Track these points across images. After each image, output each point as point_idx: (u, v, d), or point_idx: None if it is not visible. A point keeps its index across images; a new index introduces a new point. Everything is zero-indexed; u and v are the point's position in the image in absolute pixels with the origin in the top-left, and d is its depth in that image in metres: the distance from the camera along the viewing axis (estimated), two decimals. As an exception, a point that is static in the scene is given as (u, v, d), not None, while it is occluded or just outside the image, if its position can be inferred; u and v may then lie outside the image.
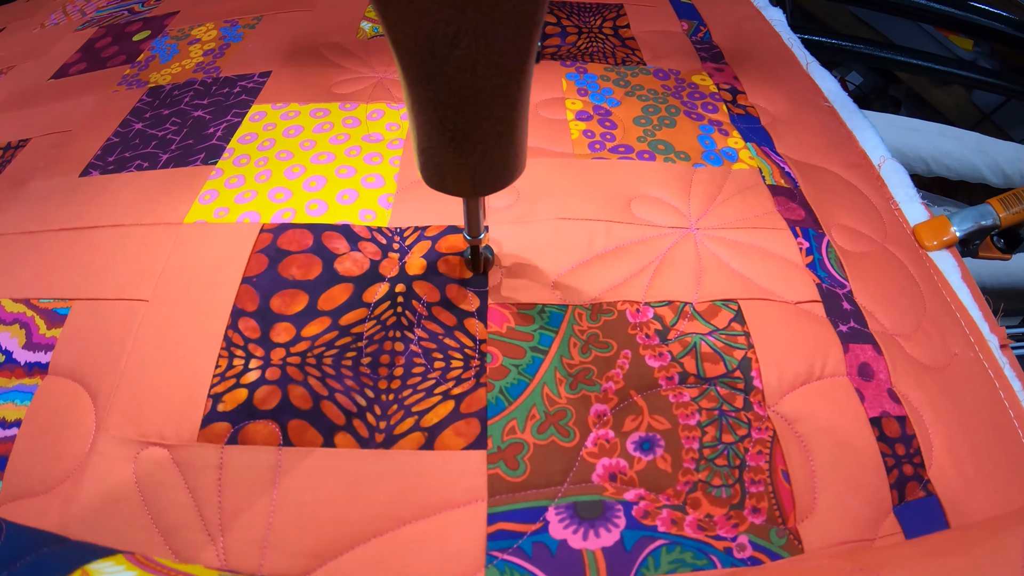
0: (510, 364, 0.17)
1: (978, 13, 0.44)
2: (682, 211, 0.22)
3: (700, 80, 0.28)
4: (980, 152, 0.36)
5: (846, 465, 0.17)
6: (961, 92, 0.53)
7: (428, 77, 0.12)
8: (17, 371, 0.21)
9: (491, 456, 0.15)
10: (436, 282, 0.19)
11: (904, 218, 0.25)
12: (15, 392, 0.20)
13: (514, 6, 0.11)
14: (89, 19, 0.37)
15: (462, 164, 0.14)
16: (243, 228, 0.21)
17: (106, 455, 0.18)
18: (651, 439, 0.16)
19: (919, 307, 0.22)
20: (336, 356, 0.17)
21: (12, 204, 0.26)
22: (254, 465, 0.16)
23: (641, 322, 0.18)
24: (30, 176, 0.27)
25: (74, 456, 0.18)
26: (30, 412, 0.19)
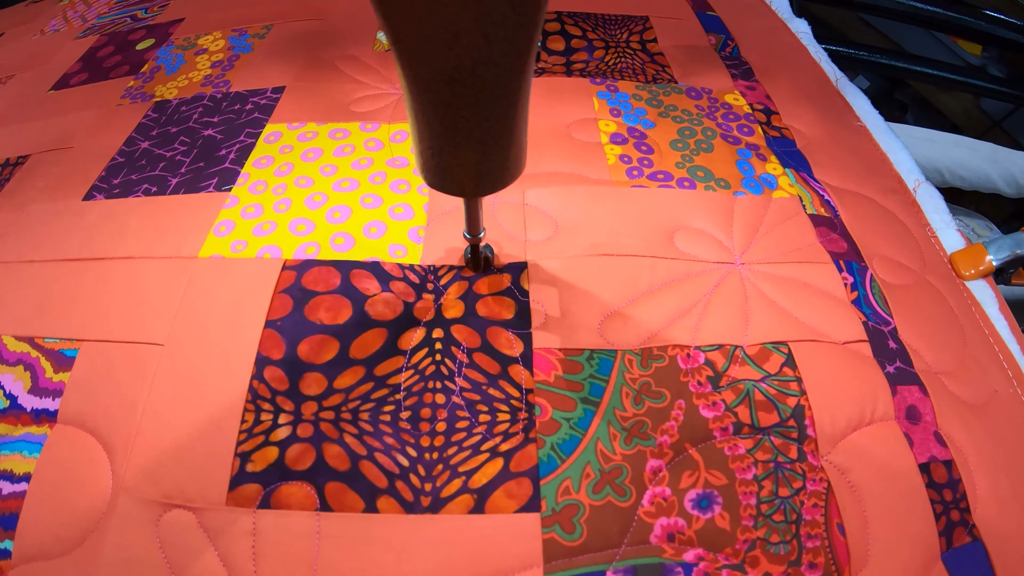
0: (561, 417, 0.16)
1: (986, 19, 0.43)
2: (726, 244, 0.21)
3: (733, 100, 0.27)
4: (994, 162, 0.36)
5: (897, 514, 0.17)
6: (969, 97, 0.53)
7: (428, 77, 0.12)
8: (23, 418, 0.19)
9: (546, 519, 0.15)
10: (476, 325, 0.18)
11: (941, 246, 0.24)
12: (22, 442, 0.19)
13: (514, 6, 0.11)
14: (90, 26, 0.35)
15: (462, 164, 0.14)
16: (264, 264, 0.20)
17: (126, 516, 0.16)
18: (709, 496, 0.16)
19: (960, 342, 0.21)
20: (373, 410, 0.16)
21: (12, 228, 0.24)
22: (291, 532, 0.15)
23: (692, 368, 0.18)
24: (31, 198, 0.25)
25: (91, 516, 0.17)
26: (40, 465, 0.18)
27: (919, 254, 0.23)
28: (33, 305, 0.21)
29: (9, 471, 0.19)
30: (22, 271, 0.23)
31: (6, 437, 0.19)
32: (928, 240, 0.24)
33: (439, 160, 0.14)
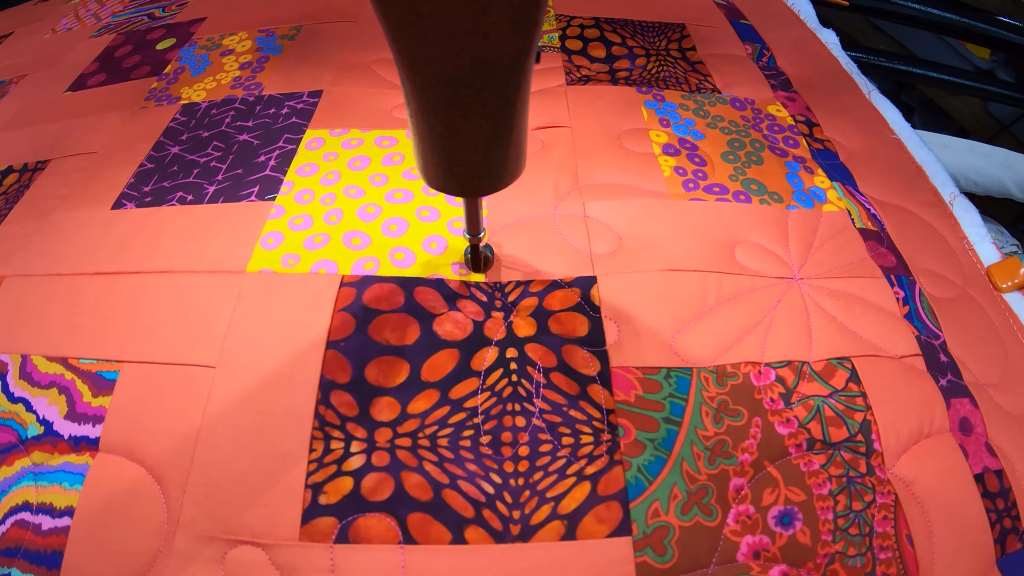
0: (645, 438, 0.16)
1: (994, 24, 0.45)
2: (784, 259, 0.21)
3: (776, 111, 0.27)
4: (1007, 168, 0.38)
5: (957, 524, 0.18)
6: (977, 101, 0.55)
7: (428, 77, 0.12)
8: (60, 445, 0.19)
9: (637, 543, 0.15)
10: (550, 344, 0.18)
11: (978, 258, 0.25)
12: (62, 472, 0.18)
13: (515, 6, 0.11)
14: (105, 25, 0.33)
15: (462, 164, 0.14)
16: (320, 280, 0.19)
17: (186, 555, 0.16)
18: (790, 512, 0.16)
19: (1002, 354, 0.22)
20: (452, 436, 0.16)
21: (35, 238, 0.23)
22: (373, 568, 0.15)
23: (765, 385, 0.18)
24: (53, 206, 0.24)
25: (145, 554, 0.16)
26: (84, 499, 0.17)
27: (959, 267, 0.24)
28: (63, 322, 0.20)
29: (49, 504, 0.18)
30: (49, 285, 0.22)
31: (43, 467, 0.18)
32: (966, 253, 0.25)
33: (439, 160, 0.14)
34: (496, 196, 0.22)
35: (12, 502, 0.18)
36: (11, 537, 0.17)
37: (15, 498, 0.18)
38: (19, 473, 0.18)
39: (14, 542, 0.17)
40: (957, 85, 0.47)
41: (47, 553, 0.17)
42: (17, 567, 0.17)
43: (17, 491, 0.18)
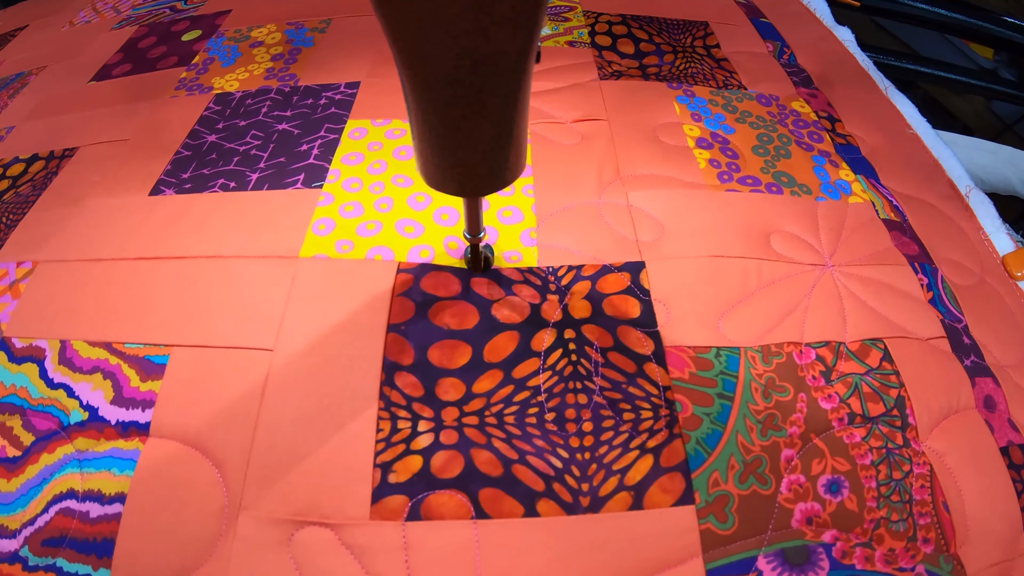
0: (701, 412, 0.18)
1: (997, 23, 0.48)
2: (816, 247, 0.23)
3: (800, 107, 0.29)
4: (1013, 166, 0.41)
5: (988, 494, 0.20)
6: (980, 100, 0.59)
7: (428, 77, 0.12)
8: (107, 431, 0.19)
9: (701, 511, 0.16)
10: (605, 325, 0.19)
11: (994, 249, 0.28)
12: (110, 458, 0.19)
13: (515, 5, 0.11)
14: (125, 17, 0.34)
15: (462, 163, 0.14)
16: (377, 266, 0.21)
17: (251, 539, 0.17)
18: (837, 481, 0.18)
19: (1020, 338, 0.25)
20: (518, 413, 0.18)
21: (68, 224, 0.24)
22: (447, 544, 0.16)
23: (806, 364, 0.20)
24: (86, 193, 0.24)
25: (205, 539, 0.17)
26: (136, 484, 0.18)
27: (977, 257, 0.27)
28: (105, 307, 0.21)
29: (97, 491, 0.18)
30: (86, 270, 0.22)
31: (88, 453, 0.19)
32: (983, 243, 0.27)
33: (439, 159, 0.14)
34: (543, 185, 0.23)
35: (56, 490, 0.18)
36: (56, 526, 0.18)
37: (59, 485, 0.18)
38: (62, 460, 0.19)
39: (59, 531, 0.18)
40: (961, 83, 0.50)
41: (97, 541, 0.17)
42: (64, 557, 0.17)
43: (61, 478, 0.19)
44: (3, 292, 0.23)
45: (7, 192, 0.27)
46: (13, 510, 0.19)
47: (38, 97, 0.31)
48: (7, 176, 0.28)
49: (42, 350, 0.21)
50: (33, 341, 0.21)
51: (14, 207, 0.27)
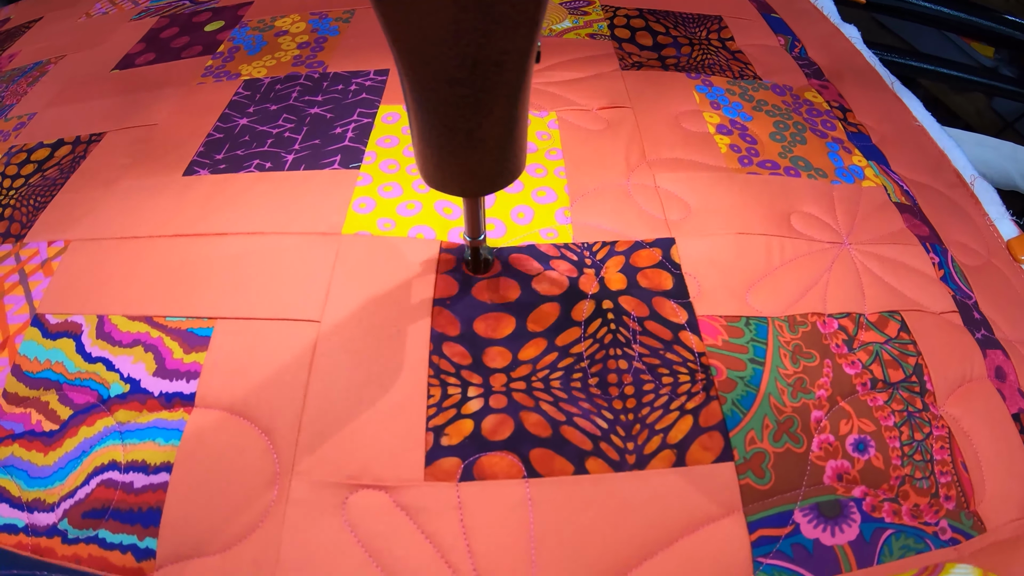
0: (735, 376, 0.19)
1: (998, 21, 0.51)
2: (833, 227, 0.25)
3: (812, 97, 0.32)
4: (1014, 160, 0.44)
5: (1003, 455, 0.22)
6: (981, 98, 0.62)
7: (428, 76, 0.13)
8: (150, 403, 0.20)
9: (740, 467, 0.18)
10: (640, 296, 0.21)
11: (999, 234, 0.30)
12: (154, 429, 0.20)
13: (515, 5, 0.11)
14: (144, 8, 0.36)
15: (462, 164, 0.15)
16: (419, 244, 0.22)
17: (304, 503, 0.18)
18: (864, 440, 0.19)
19: (1025, 314, 0.27)
20: (563, 378, 0.19)
21: (101, 205, 0.25)
22: (500, 502, 0.17)
23: (830, 333, 0.22)
24: (117, 175, 0.26)
25: (257, 506, 0.18)
26: (182, 453, 0.19)
27: (983, 240, 0.29)
28: (144, 283, 0.22)
29: (142, 461, 0.19)
30: (122, 248, 0.23)
31: (130, 424, 0.20)
32: (988, 229, 0.30)
33: (439, 159, 0.15)
34: (573, 167, 0.25)
35: (97, 462, 0.19)
36: (98, 497, 0.18)
37: (100, 458, 0.19)
38: (102, 433, 0.20)
39: (102, 503, 0.18)
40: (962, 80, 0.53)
41: (142, 511, 0.18)
42: (107, 528, 0.18)
43: (102, 450, 0.19)
44: (35, 271, 0.24)
45: (33, 175, 0.28)
46: (51, 483, 0.19)
47: (59, 85, 0.32)
48: (32, 160, 0.29)
49: (78, 325, 0.22)
50: (69, 317, 0.22)
51: (41, 190, 0.28)
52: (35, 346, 0.22)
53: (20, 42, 0.39)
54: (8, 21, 0.42)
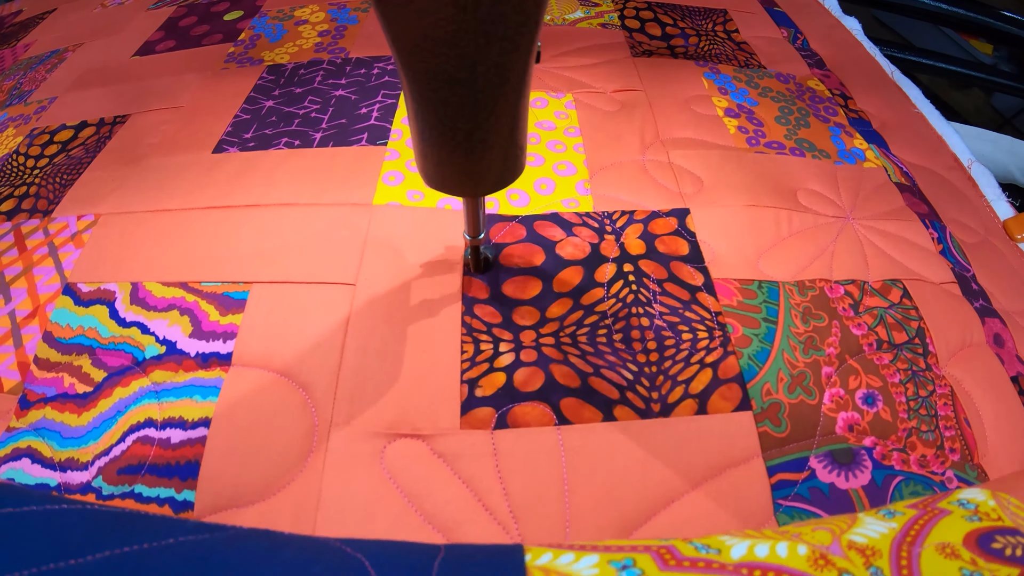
0: (750, 333, 0.21)
1: (998, 17, 0.55)
2: (837, 203, 0.28)
3: (815, 85, 0.34)
4: (1012, 154, 0.47)
5: (1003, 415, 0.24)
6: (980, 95, 0.66)
7: (428, 77, 0.13)
8: (187, 363, 0.22)
9: (758, 416, 0.20)
10: (659, 260, 0.23)
11: (995, 214, 0.32)
12: (191, 387, 0.21)
13: (514, 6, 0.12)
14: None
15: (462, 164, 0.15)
16: (447, 215, 0.24)
17: (343, 452, 0.19)
18: (872, 395, 0.21)
19: (1022, 290, 0.29)
20: (589, 334, 0.21)
21: (130, 181, 0.26)
22: (534, 448, 0.19)
23: (837, 297, 0.24)
24: (145, 153, 0.27)
25: (296, 455, 0.19)
26: (220, 409, 0.20)
27: (981, 220, 0.31)
28: (177, 252, 0.24)
29: (179, 418, 0.20)
30: (153, 220, 0.25)
31: (166, 384, 0.21)
32: (985, 209, 0.32)
33: (439, 159, 0.15)
34: (591, 144, 0.27)
35: (132, 420, 0.20)
36: (134, 454, 0.19)
37: (135, 416, 0.20)
38: (137, 393, 0.21)
39: (137, 459, 0.19)
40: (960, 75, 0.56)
41: (180, 464, 0.19)
42: (143, 483, 0.19)
43: (136, 410, 0.21)
44: (64, 243, 0.26)
45: (57, 155, 0.30)
46: (84, 443, 0.21)
47: (79, 71, 0.34)
48: (55, 141, 0.31)
49: (111, 292, 0.23)
50: (101, 285, 0.23)
51: (67, 168, 0.29)
52: (67, 313, 0.23)
53: (35, 32, 0.41)
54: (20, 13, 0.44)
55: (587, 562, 0.12)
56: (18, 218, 0.27)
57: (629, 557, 0.12)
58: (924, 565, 0.12)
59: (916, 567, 0.12)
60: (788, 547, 0.13)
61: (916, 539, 0.13)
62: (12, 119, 0.33)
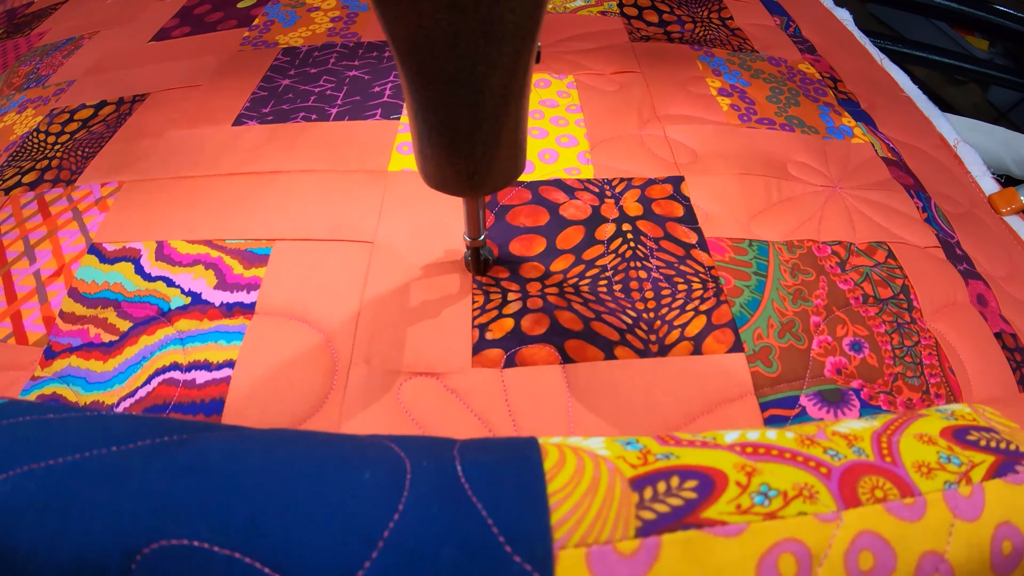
0: (742, 285, 0.24)
1: (996, 13, 0.58)
2: (825, 174, 0.31)
3: (806, 68, 0.38)
4: (1006, 146, 0.50)
5: (986, 367, 0.26)
6: (977, 91, 0.70)
7: (428, 77, 0.13)
8: (211, 312, 0.24)
9: (750, 357, 0.22)
10: (656, 220, 0.26)
11: (981, 189, 0.35)
12: (215, 333, 0.23)
13: (514, 7, 0.12)
14: None
15: (462, 164, 0.16)
16: (455, 177, 0.27)
17: (362, 389, 0.21)
18: (859, 342, 0.24)
19: (1007, 258, 0.32)
20: (591, 285, 0.23)
21: (152, 151, 0.29)
22: (541, 384, 0.21)
23: (824, 256, 0.26)
24: (166, 127, 0.30)
25: (317, 392, 0.21)
26: (244, 352, 0.22)
27: (966, 194, 0.34)
28: (201, 214, 0.26)
29: (204, 361, 0.23)
30: (176, 186, 0.28)
31: (191, 331, 0.24)
32: (971, 184, 0.35)
33: (439, 160, 0.16)
34: (591, 120, 0.30)
35: (157, 364, 0.22)
36: (159, 395, 0.21)
37: (160, 360, 0.23)
38: (162, 340, 0.23)
39: (163, 399, 0.21)
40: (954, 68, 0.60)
41: (205, 403, 0.21)
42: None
43: (162, 355, 0.23)
44: (89, 208, 0.28)
45: (78, 131, 0.33)
46: (110, 387, 0.23)
47: (96, 56, 0.37)
48: (75, 119, 0.34)
49: (137, 250, 0.26)
50: (127, 244, 0.26)
51: (87, 143, 0.32)
52: (92, 271, 0.26)
53: (48, 21, 0.44)
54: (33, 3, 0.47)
55: (595, 441, 0.14)
56: (41, 188, 0.29)
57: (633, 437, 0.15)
58: (903, 448, 0.15)
59: (896, 449, 0.15)
60: (777, 433, 0.15)
61: (896, 431, 0.16)
62: (31, 100, 0.36)
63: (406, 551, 0.11)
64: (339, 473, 0.12)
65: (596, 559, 0.11)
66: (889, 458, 0.14)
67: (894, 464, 0.14)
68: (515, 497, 0.11)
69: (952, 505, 0.13)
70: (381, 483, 0.12)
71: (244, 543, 0.11)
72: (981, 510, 0.14)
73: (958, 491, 0.14)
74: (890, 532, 0.12)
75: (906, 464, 0.14)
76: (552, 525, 0.11)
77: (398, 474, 0.12)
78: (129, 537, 0.12)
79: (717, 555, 0.11)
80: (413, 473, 0.12)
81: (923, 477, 0.14)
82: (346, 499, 0.11)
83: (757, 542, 0.11)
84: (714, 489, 0.12)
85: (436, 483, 0.12)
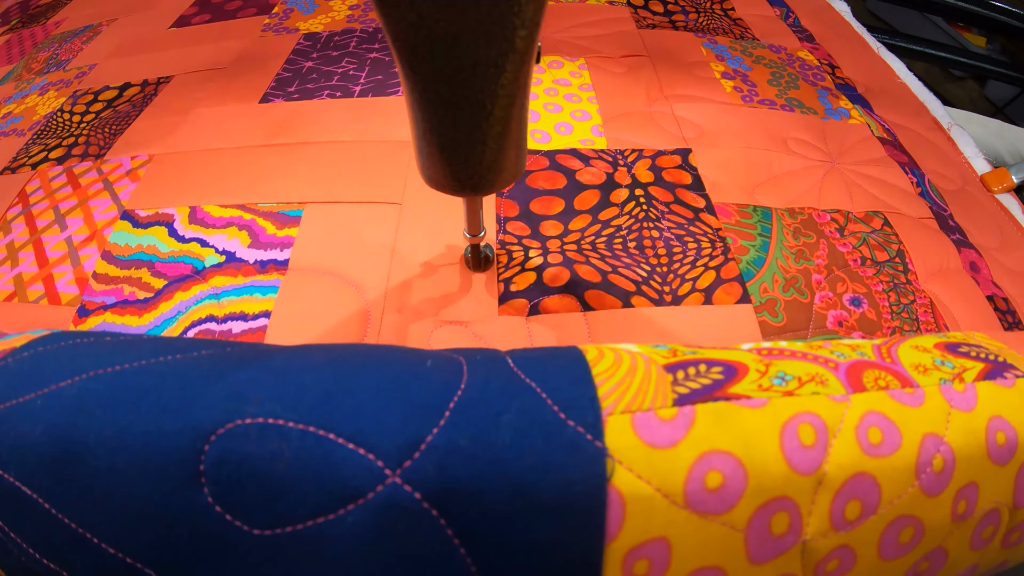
0: (748, 244, 0.27)
1: (993, 9, 0.63)
2: (824, 150, 0.34)
3: (804, 55, 0.41)
4: (1001, 137, 0.54)
5: (979, 325, 0.29)
6: (974, 87, 0.75)
7: (428, 77, 0.14)
8: (245, 269, 0.27)
9: (757, 308, 0.25)
10: (666, 186, 0.29)
11: (973, 169, 0.39)
12: (251, 288, 0.26)
13: (514, 7, 0.13)
14: None
15: (462, 164, 0.16)
16: (475, 148, 0.30)
17: (394, 336, 0.24)
18: (858, 298, 0.27)
19: (999, 231, 0.35)
20: (607, 242, 0.26)
21: (180, 127, 0.32)
22: (564, 329, 0.24)
23: (824, 222, 0.29)
24: (192, 105, 0.33)
25: (351, 338, 0.24)
26: (279, 304, 0.25)
27: (960, 172, 0.38)
28: (232, 181, 0.29)
29: (239, 312, 0.25)
30: (206, 158, 0.31)
31: (226, 287, 0.26)
32: (964, 164, 0.39)
33: (439, 159, 0.16)
34: (603, 99, 0.33)
35: (193, 317, 0.25)
36: None
37: (196, 314, 0.25)
38: (197, 296, 0.26)
39: None
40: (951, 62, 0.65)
41: None
42: None
43: (197, 308, 0.25)
44: (120, 179, 0.31)
45: (104, 111, 0.36)
46: None
47: (116, 41, 0.40)
48: (100, 100, 0.37)
49: (170, 215, 0.28)
50: (160, 209, 0.29)
51: (114, 121, 0.35)
52: (125, 235, 0.28)
53: (65, 10, 0.47)
54: (45, -7, 0.51)
55: (628, 345, 0.17)
56: (69, 162, 0.32)
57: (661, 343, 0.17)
58: (901, 353, 0.17)
59: (895, 353, 0.17)
60: (788, 342, 0.18)
61: (893, 344, 0.19)
62: (52, 83, 0.39)
63: (471, 418, 0.13)
64: (403, 361, 0.15)
65: (640, 423, 0.13)
66: (889, 360, 0.17)
67: (894, 364, 0.17)
68: (563, 376, 0.14)
69: (948, 397, 0.16)
70: (442, 368, 0.14)
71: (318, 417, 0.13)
72: (974, 404, 0.16)
73: (952, 386, 0.16)
74: (894, 414, 0.15)
75: (904, 364, 0.17)
76: (599, 397, 0.14)
77: (455, 364, 0.15)
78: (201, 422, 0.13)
79: (745, 422, 0.14)
80: (468, 364, 0.15)
81: (920, 374, 0.16)
82: (412, 379, 0.14)
83: (779, 412, 0.14)
84: (737, 373, 0.15)
85: (491, 368, 0.14)
